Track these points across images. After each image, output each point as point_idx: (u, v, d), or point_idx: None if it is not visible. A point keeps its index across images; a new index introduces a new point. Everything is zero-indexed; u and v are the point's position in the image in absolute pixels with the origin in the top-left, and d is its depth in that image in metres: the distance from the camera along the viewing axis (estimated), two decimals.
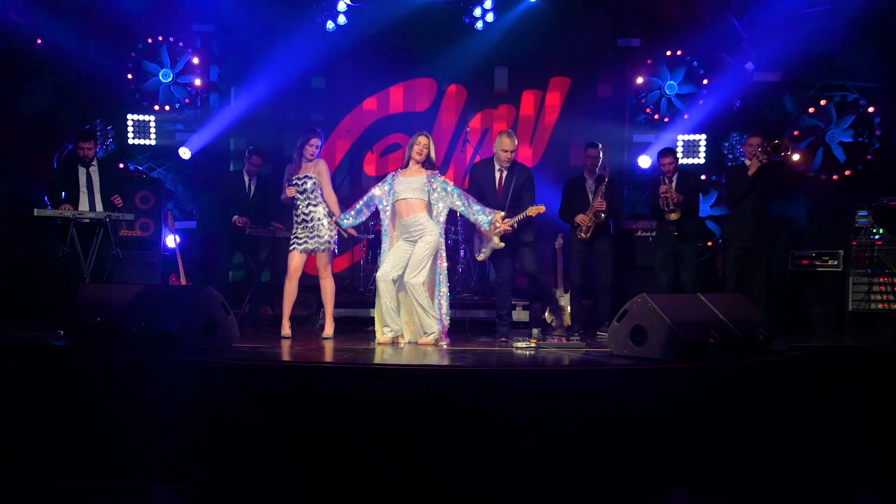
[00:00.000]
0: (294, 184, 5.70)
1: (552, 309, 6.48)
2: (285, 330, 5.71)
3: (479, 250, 5.89)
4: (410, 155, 5.47)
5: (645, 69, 8.09)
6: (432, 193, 5.43)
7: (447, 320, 5.51)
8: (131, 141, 7.98)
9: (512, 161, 5.80)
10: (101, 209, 6.18)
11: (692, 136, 8.04)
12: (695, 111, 7.95)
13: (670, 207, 6.32)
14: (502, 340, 5.64)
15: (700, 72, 7.98)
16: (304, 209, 5.69)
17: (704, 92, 7.96)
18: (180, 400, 4.14)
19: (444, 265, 5.49)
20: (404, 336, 5.48)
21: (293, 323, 5.84)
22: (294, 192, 5.69)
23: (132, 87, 7.92)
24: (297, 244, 5.69)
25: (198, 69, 8.01)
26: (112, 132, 7.99)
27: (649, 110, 8.09)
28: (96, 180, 6.28)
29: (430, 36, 8.19)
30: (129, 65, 7.91)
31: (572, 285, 6.45)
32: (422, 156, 5.44)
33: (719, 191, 8.00)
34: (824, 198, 7.76)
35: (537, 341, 5.23)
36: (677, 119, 8.04)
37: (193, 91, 8.04)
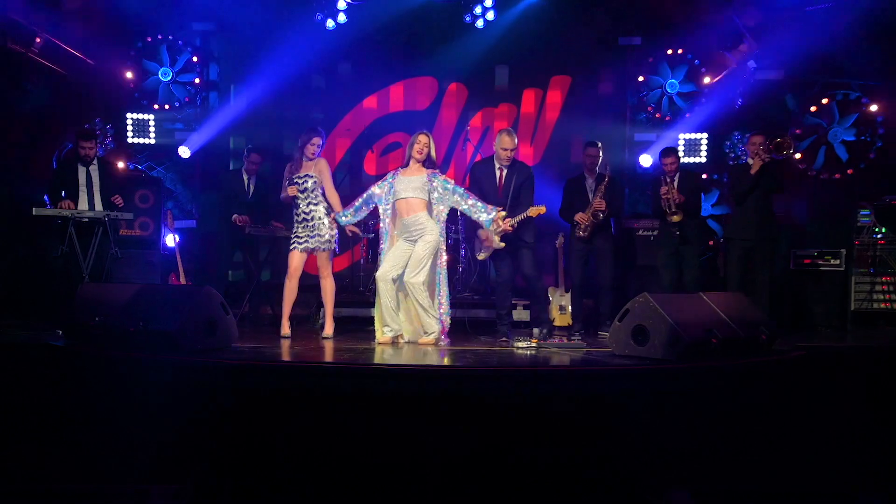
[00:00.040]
0: (295, 182, 5.68)
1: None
2: (285, 329, 5.69)
3: (480, 250, 5.87)
4: (411, 154, 5.45)
5: (646, 67, 8.07)
6: (433, 193, 5.41)
7: (447, 320, 5.49)
8: (131, 140, 7.99)
9: (512, 160, 5.78)
10: (101, 208, 6.16)
11: (694, 135, 8.02)
12: (696, 110, 7.93)
13: (672, 209, 6.30)
14: (503, 340, 5.62)
15: (701, 70, 7.96)
16: (305, 208, 5.67)
17: (706, 90, 7.94)
18: (179, 400, 4.12)
19: (445, 265, 5.47)
20: (404, 336, 5.47)
21: (293, 322, 5.82)
22: (295, 191, 5.67)
23: (131, 86, 7.91)
24: (298, 243, 5.67)
25: (197, 68, 8.01)
26: (111, 131, 7.99)
27: (650, 109, 8.07)
28: (96, 179, 6.26)
29: (431, 34, 8.17)
30: (129, 63, 7.90)
31: (573, 284, 6.44)
32: (422, 155, 5.42)
33: (721, 190, 7.98)
34: (826, 197, 7.74)
35: (538, 341, 5.21)
36: (679, 118, 8.02)
37: (193, 90, 8.03)
